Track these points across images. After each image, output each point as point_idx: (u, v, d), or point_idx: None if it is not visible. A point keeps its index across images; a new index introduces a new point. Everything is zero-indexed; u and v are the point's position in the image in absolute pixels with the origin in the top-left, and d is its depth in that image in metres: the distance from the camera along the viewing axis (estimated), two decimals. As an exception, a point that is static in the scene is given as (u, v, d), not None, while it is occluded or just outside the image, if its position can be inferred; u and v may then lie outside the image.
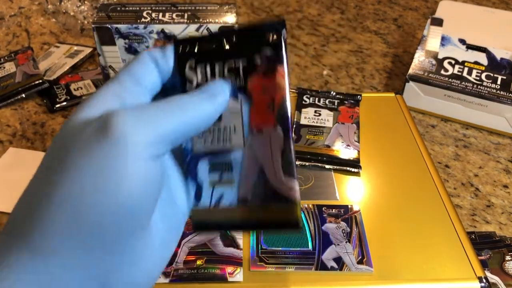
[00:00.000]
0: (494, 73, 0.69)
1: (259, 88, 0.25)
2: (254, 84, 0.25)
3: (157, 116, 0.23)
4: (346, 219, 0.47)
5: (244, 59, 0.25)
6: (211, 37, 0.26)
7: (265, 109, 0.25)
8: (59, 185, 0.21)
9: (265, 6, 1.01)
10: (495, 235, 0.53)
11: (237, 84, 0.26)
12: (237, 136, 0.26)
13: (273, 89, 0.25)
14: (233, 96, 0.26)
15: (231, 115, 0.26)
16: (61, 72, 0.76)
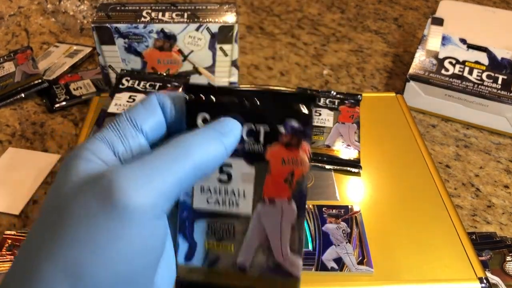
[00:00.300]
0: (495, 72, 0.69)
1: (279, 158, 0.24)
2: (274, 153, 0.24)
3: (161, 169, 0.21)
4: (346, 220, 0.47)
5: (267, 125, 0.24)
6: (232, 92, 0.24)
7: (282, 182, 0.24)
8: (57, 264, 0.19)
9: (265, 5, 1.01)
10: (495, 236, 0.53)
11: (255, 149, 0.24)
12: (245, 203, 0.25)
13: (294, 163, 0.24)
14: (249, 161, 0.24)
15: (243, 178, 0.24)
16: (60, 71, 0.75)
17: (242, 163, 0.24)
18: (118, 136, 0.23)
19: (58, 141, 0.65)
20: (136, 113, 0.24)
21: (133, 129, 0.24)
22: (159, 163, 0.21)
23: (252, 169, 0.24)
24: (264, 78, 0.79)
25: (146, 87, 0.56)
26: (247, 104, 0.24)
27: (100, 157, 0.22)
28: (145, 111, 0.24)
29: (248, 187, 0.24)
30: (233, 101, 0.24)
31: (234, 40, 0.63)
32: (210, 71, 0.66)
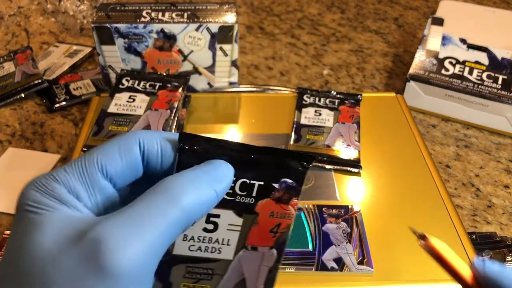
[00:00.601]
0: (495, 72, 0.69)
1: (268, 211, 0.25)
2: (264, 206, 0.25)
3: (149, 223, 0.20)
4: (346, 220, 0.47)
5: (262, 181, 0.24)
6: (229, 146, 0.24)
7: (267, 232, 0.25)
8: None
9: (265, 5, 1.01)
10: (496, 236, 0.53)
11: (246, 201, 0.24)
12: (228, 249, 0.25)
13: (282, 216, 0.25)
14: (238, 212, 0.25)
15: (229, 229, 0.25)
16: (60, 71, 0.75)
17: (231, 215, 0.24)
18: (84, 184, 0.22)
19: (58, 141, 0.65)
20: (106, 157, 0.23)
21: (101, 176, 0.22)
22: (147, 216, 0.20)
23: (240, 220, 0.24)
24: (264, 78, 0.79)
25: (146, 87, 0.56)
26: (244, 159, 0.24)
27: (67, 203, 0.21)
28: (119, 154, 0.23)
29: (233, 236, 0.25)
30: (230, 155, 0.24)
31: (234, 40, 0.63)
32: (210, 71, 0.66)
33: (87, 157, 0.23)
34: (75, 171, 0.22)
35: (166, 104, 0.54)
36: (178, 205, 0.21)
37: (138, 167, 0.23)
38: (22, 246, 0.20)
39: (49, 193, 0.21)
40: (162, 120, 0.52)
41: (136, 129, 0.51)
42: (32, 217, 0.20)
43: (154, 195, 0.21)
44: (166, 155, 0.24)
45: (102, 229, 0.19)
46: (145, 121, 0.52)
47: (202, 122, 0.60)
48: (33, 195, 0.21)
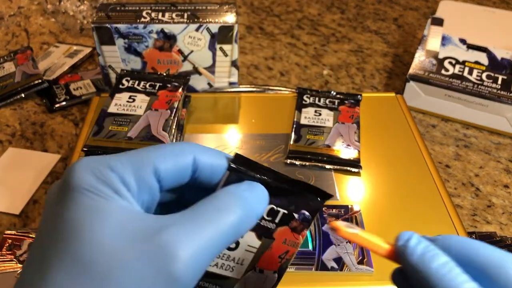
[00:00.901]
0: (494, 73, 0.69)
1: (282, 238, 0.26)
2: (280, 233, 0.26)
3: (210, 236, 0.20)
4: (346, 219, 0.47)
5: (286, 210, 0.26)
6: (271, 174, 0.25)
7: (276, 257, 0.27)
8: None
9: (265, 6, 1.01)
10: (495, 235, 0.53)
11: (268, 226, 0.26)
12: (240, 269, 0.26)
13: (292, 244, 0.26)
14: (258, 235, 0.26)
15: (247, 249, 0.26)
16: (60, 72, 0.75)
17: (253, 236, 0.26)
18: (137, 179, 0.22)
19: (58, 141, 0.65)
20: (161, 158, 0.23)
21: (153, 176, 0.23)
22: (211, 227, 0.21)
23: (258, 243, 0.26)
24: (264, 78, 0.79)
25: (146, 87, 0.56)
26: (278, 187, 0.25)
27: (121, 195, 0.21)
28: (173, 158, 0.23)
29: (248, 257, 0.26)
30: (268, 181, 0.25)
31: (234, 40, 0.63)
32: (210, 71, 0.66)
33: (143, 154, 0.23)
34: (130, 165, 0.22)
35: (166, 104, 0.54)
36: (228, 218, 0.21)
37: (186, 175, 0.24)
38: (83, 231, 0.19)
39: (105, 180, 0.21)
40: (162, 120, 0.52)
41: (137, 129, 0.51)
42: (90, 202, 0.20)
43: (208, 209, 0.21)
44: (217, 169, 0.24)
45: (172, 235, 0.19)
46: (145, 121, 0.52)
47: (202, 122, 0.60)
48: (89, 179, 0.21)
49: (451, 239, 0.24)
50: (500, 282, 0.21)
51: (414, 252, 0.24)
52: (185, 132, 0.58)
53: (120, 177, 0.21)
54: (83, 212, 0.20)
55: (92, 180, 0.21)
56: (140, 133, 0.50)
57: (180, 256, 0.19)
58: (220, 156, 0.25)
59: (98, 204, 0.20)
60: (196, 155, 0.24)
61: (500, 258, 0.22)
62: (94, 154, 0.49)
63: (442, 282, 0.22)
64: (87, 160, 0.22)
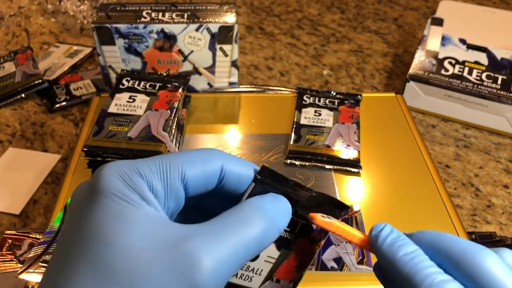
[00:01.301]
0: (494, 73, 0.69)
1: (301, 249, 0.26)
2: (299, 244, 0.26)
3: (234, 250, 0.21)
4: (346, 219, 0.47)
5: (305, 221, 0.26)
6: (293, 184, 0.25)
7: (293, 267, 0.26)
8: None
9: (265, 6, 1.01)
10: (495, 235, 0.53)
11: (287, 237, 0.26)
12: (258, 279, 0.26)
13: (309, 255, 0.26)
14: (278, 246, 0.26)
15: (266, 260, 0.26)
16: (60, 72, 0.75)
17: (272, 247, 0.26)
18: (164, 185, 0.22)
19: (58, 141, 0.65)
20: (189, 164, 0.23)
21: (180, 182, 0.23)
22: (236, 239, 0.21)
23: (277, 253, 0.26)
24: (264, 78, 0.79)
25: (146, 87, 0.56)
26: (299, 199, 0.25)
27: (149, 202, 0.21)
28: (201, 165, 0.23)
29: (266, 267, 0.26)
30: (289, 193, 0.25)
31: (234, 40, 0.63)
32: (210, 71, 0.66)
33: (171, 159, 0.23)
34: (159, 170, 0.22)
35: (166, 104, 0.54)
36: (252, 231, 0.22)
37: (213, 182, 0.24)
38: (110, 236, 0.19)
39: (133, 186, 0.21)
40: (162, 120, 0.52)
41: (137, 129, 0.51)
42: (117, 208, 0.20)
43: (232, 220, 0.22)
44: (243, 179, 0.25)
45: (197, 245, 0.19)
46: (145, 121, 0.52)
47: (202, 122, 0.60)
48: (118, 184, 0.21)
49: (425, 232, 0.25)
50: (467, 270, 0.22)
51: (384, 241, 0.24)
52: (185, 132, 0.58)
53: (148, 183, 0.21)
54: (110, 217, 0.20)
55: (120, 185, 0.21)
56: (140, 133, 0.50)
57: (204, 266, 0.19)
58: (247, 165, 0.25)
59: (126, 210, 0.20)
60: (224, 162, 0.24)
61: (470, 249, 0.22)
62: (94, 154, 0.49)
63: (406, 267, 0.22)
64: (116, 164, 0.22)
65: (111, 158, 0.49)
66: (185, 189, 0.23)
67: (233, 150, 0.55)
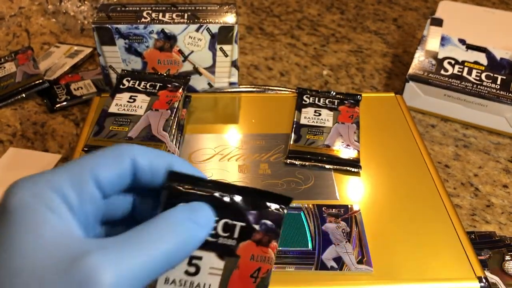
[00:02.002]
0: (494, 73, 0.69)
1: (249, 254, 0.24)
2: (244, 249, 0.24)
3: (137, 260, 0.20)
4: (346, 219, 0.47)
5: (244, 222, 0.24)
6: (214, 185, 0.24)
7: (248, 277, 0.24)
8: None
9: (265, 6, 1.01)
10: (495, 235, 0.53)
11: (228, 243, 0.24)
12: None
13: (262, 260, 0.25)
14: (220, 255, 0.24)
15: (211, 272, 0.24)
16: (61, 72, 0.76)
17: (213, 257, 0.24)
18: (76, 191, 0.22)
19: (59, 141, 0.65)
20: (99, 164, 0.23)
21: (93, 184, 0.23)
22: (138, 254, 0.20)
23: (222, 263, 0.24)
24: (264, 78, 0.80)
25: (146, 87, 0.56)
26: (228, 199, 0.24)
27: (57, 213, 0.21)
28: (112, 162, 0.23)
29: (215, 281, 0.24)
30: (214, 195, 0.24)
31: (234, 40, 0.63)
32: (210, 71, 0.66)
33: (81, 163, 0.23)
34: (69, 177, 0.22)
35: (166, 104, 0.54)
36: (163, 245, 0.21)
37: (127, 178, 0.24)
38: (10, 245, 0.19)
39: (39, 197, 0.21)
40: (162, 120, 0.52)
41: (137, 129, 0.51)
42: (22, 220, 0.20)
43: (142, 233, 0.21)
44: (156, 171, 0.24)
45: (95, 261, 0.19)
46: (146, 121, 0.52)
47: (202, 122, 0.60)
48: (22, 196, 0.21)
49: None
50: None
51: None
52: (185, 132, 0.58)
53: (58, 192, 0.21)
54: (14, 229, 0.20)
55: (24, 196, 0.21)
56: (140, 133, 0.51)
57: (103, 283, 0.19)
58: (161, 156, 0.25)
59: (29, 222, 0.20)
60: (135, 156, 0.24)
61: None
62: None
63: None
64: (25, 179, 0.22)
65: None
66: (101, 190, 0.23)
67: (233, 150, 0.56)
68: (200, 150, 0.55)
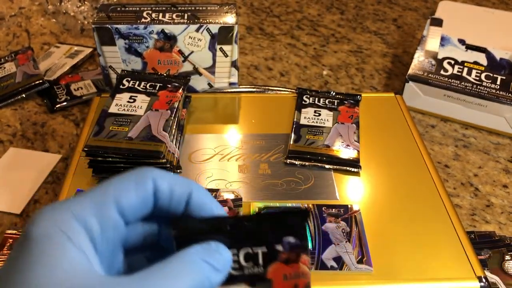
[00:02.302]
0: (493, 73, 0.69)
1: (280, 275, 0.24)
2: (275, 271, 0.24)
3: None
4: (346, 219, 0.47)
5: (264, 246, 0.24)
6: (222, 221, 0.24)
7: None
8: None
9: (265, 6, 1.01)
10: (494, 235, 0.53)
11: (255, 271, 0.24)
12: None
13: (296, 276, 0.24)
14: (251, 283, 0.24)
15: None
16: (61, 72, 0.76)
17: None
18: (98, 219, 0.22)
19: (59, 141, 0.65)
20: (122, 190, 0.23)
21: (116, 211, 0.23)
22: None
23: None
24: (264, 78, 0.80)
25: (146, 88, 0.56)
26: (241, 230, 0.24)
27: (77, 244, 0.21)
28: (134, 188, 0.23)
29: None
30: (225, 229, 0.23)
31: (234, 41, 0.63)
32: (210, 71, 0.66)
33: (104, 190, 0.23)
34: (92, 206, 0.22)
35: (166, 104, 0.54)
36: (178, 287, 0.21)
37: (149, 203, 0.24)
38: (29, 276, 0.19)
39: (61, 227, 0.21)
40: (162, 120, 0.52)
41: (137, 129, 0.51)
42: (38, 252, 0.20)
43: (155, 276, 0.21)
44: (175, 196, 0.24)
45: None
46: (146, 122, 0.52)
47: (202, 122, 0.60)
48: (44, 225, 0.21)
49: None
50: None
51: None
52: (185, 132, 0.58)
53: (81, 221, 0.21)
54: (32, 259, 0.20)
55: (49, 227, 0.21)
56: (140, 133, 0.51)
57: None
58: (180, 180, 0.24)
59: (48, 254, 0.20)
60: (155, 179, 0.24)
61: None
62: (94, 154, 0.49)
63: None
64: (49, 207, 0.22)
65: (111, 158, 0.49)
66: (123, 217, 0.23)
67: (233, 150, 0.56)
68: (200, 150, 0.55)
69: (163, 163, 0.49)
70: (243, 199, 0.49)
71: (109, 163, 0.50)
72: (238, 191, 0.50)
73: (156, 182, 0.24)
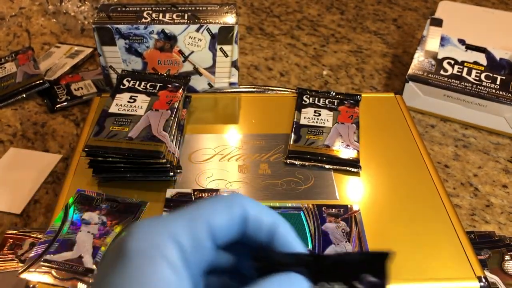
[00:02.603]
0: (493, 73, 0.70)
1: None
2: None
3: None
4: (345, 219, 0.47)
5: (342, 282, 0.24)
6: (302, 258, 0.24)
7: None
8: None
9: (265, 6, 1.01)
10: (494, 235, 0.53)
11: None
12: None
13: None
14: None
15: None
16: (61, 72, 0.76)
17: None
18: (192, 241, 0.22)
19: (59, 141, 0.66)
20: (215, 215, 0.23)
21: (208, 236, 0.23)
22: None
23: None
24: (264, 78, 0.80)
25: (146, 88, 0.57)
26: (320, 265, 0.23)
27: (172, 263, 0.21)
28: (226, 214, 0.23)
29: None
30: (306, 264, 0.23)
31: (234, 41, 0.63)
32: (210, 71, 0.66)
33: (197, 210, 0.23)
34: (185, 224, 0.22)
35: (166, 104, 0.54)
36: None
37: (237, 228, 0.24)
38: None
39: (156, 244, 0.21)
40: (162, 120, 0.52)
41: (138, 129, 0.51)
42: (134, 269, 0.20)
43: None
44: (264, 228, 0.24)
45: None
46: (146, 121, 0.52)
47: (202, 122, 0.60)
48: (140, 241, 0.21)
49: None
50: None
51: None
52: (186, 132, 0.58)
53: (175, 240, 0.21)
54: (129, 275, 0.20)
55: (144, 243, 0.21)
56: (140, 133, 0.51)
57: None
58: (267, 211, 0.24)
59: (144, 272, 0.20)
60: (246, 207, 0.24)
61: None
62: (95, 154, 0.49)
63: None
64: (144, 222, 0.22)
65: (111, 158, 0.49)
66: (213, 240, 0.23)
67: (233, 150, 0.56)
68: (200, 150, 0.56)
69: (163, 163, 0.49)
70: (243, 199, 0.49)
71: (109, 163, 0.50)
72: (238, 191, 0.50)
73: (246, 208, 0.24)
